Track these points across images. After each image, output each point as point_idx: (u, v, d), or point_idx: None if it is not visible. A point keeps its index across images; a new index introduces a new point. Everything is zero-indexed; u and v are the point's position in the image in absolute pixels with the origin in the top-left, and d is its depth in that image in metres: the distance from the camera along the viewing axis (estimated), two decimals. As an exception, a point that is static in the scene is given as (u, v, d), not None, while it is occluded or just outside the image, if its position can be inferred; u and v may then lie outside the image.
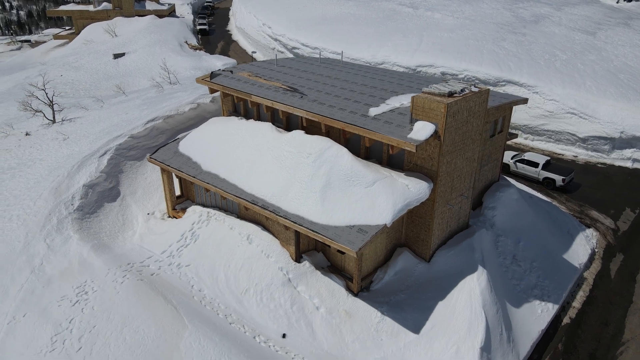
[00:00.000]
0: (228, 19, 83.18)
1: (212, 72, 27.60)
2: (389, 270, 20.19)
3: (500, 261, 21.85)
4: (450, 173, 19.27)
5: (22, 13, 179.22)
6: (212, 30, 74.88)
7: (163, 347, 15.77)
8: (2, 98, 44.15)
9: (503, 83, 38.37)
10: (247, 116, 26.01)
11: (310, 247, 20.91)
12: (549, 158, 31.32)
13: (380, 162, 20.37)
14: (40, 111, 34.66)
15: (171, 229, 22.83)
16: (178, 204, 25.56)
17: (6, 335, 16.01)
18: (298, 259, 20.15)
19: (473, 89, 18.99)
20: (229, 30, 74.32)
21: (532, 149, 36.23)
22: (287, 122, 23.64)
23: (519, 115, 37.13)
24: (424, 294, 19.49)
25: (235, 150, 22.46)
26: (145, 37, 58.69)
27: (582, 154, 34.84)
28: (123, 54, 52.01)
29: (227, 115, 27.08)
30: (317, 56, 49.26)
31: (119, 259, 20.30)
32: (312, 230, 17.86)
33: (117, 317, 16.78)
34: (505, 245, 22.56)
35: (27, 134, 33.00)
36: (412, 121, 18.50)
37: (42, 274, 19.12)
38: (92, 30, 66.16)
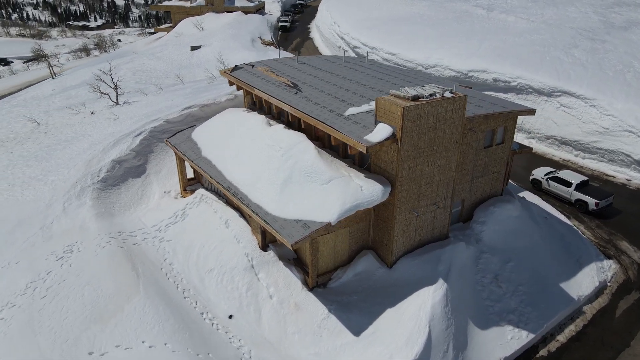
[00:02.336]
0: (314, 17, 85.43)
1: (235, 66, 29.31)
2: (349, 271, 20.17)
3: (478, 279, 20.65)
4: (415, 179, 18.70)
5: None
6: (294, 27, 77.59)
7: (110, 307, 17.62)
8: (91, 81, 50.36)
9: (558, 94, 35.23)
10: (261, 110, 27.26)
11: (280, 238, 21.58)
12: (586, 178, 28.37)
13: (354, 162, 20.38)
14: (107, 94, 39.22)
15: (170, 207, 24.91)
16: (189, 186, 27.64)
17: (-2, 276, 19.16)
18: (264, 247, 20.94)
19: (446, 94, 18.23)
20: (309, 28, 76.45)
21: (580, 168, 32.94)
22: (278, 117, 24.48)
23: (570, 130, 33.93)
24: (376, 298, 19.20)
25: (230, 139, 23.84)
26: (225, 31, 62.85)
27: (636, 178, 30.89)
28: (199, 47, 56.33)
29: (247, 108, 28.60)
30: (371, 56, 49.12)
31: (113, 227, 22.74)
32: (264, 220, 18.58)
33: (85, 276, 19.03)
34: (488, 263, 21.23)
35: (92, 113, 37.65)
36: (376, 123, 18.33)
37: (47, 231, 22.17)
38: (185, 25, 72.31)
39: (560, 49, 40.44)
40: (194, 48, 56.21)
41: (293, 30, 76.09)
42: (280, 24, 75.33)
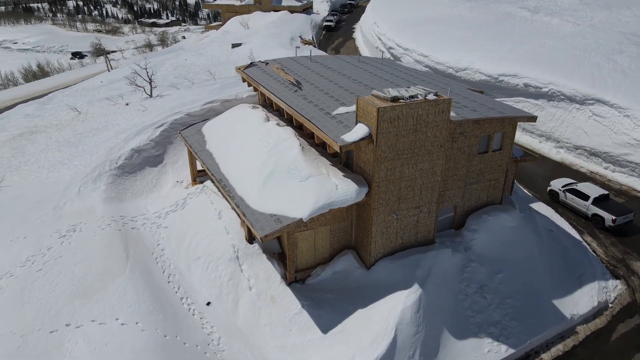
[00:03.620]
0: (361, 17, 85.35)
1: (250, 63, 30.15)
2: (328, 269, 20.31)
3: (462, 287, 20.11)
4: (395, 181, 18.53)
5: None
6: (339, 27, 77.89)
7: (96, 284, 18.83)
8: (131, 74, 53.19)
9: (591, 102, 33.25)
10: (270, 107, 27.89)
11: (267, 232, 22.05)
12: (606, 192, 26.68)
13: (340, 162, 20.49)
14: (142, 87, 41.44)
15: (174, 196, 26.09)
16: (199, 177, 28.77)
17: (4, 248, 20.93)
18: (251, 240, 21.49)
19: (430, 97, 17.92)
20: (354, 28, 76.47)
21: (608, 181, 30.95)
22: (281, 114, 24.93)
23: (600, 140, 31.95)
24: (350, 298, 19.23)
25: (231, 134, 24.63)
26: (267, 30, 64.27)
27: (667, 196, 28.63)
28: (240, 44, 58.01)
29: (259, 105, 29.36)
30: (404, 57, 48.53)
31: (118, 212, 24.15)
32: (243, 213, 19.13)
33: (80, 254, 20.43)
34: (475, 272, 20.61)
35: (126, 104, 39.96)
36: (357, 123, 18.35)
37: (59, 211, 23.94)
38: (232, 23, 74.63)
39: (602, 54, 38.06)
40: (234, 45, 57.99)
41: (337, 30, 76.46)
42: (324, 23, 75.90)
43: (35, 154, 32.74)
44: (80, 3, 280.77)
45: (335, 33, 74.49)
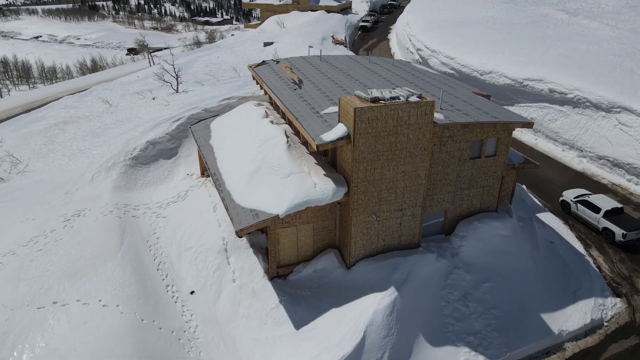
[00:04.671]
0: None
1: (262, 61, 30.74)
2: (310, 267, 20.48)
3: (444, 294, 19.75)
4: (375, 183, 18.45)
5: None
6: (375, 28, 77.45)
7: (87, 267, 19.92)
8: (159, 70, 55.17)
9: (617, 110, 31.50)
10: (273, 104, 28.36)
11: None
12: (620, 206, 25.27)
13: (328, 161, 20.62)
14: (169, 82, 43.08)
15: (178, 187, 27.05)
16: (207, 170, 29.68)
17: (14, 228, 22.50)
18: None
19: (412, 98, 17.73)
20: (390, 29, 75.80)
21: (630, 195, 29.23)
22: (278, 110, 25.31)
23: (625, 151, 30.23)
24: (327, 297, 19.33)
25: (233, 130, 25.28)
26: (300, 29, 64.92)
27: (692, 213, 26.69)
28: (271, 43, 58.97)
29: (269, 102, 29.93)
30: (430, 59, 47.71)
31: (123, 200, 25.32)
32: (226, 207, 19.66)
33: (79, 237, 21.64)
34: (460, 279, 20.16)
35: (153, 99, 41.67)
36: (339, 122, 18.43)
37: (70, 196, 25.41)
38: (269, 22, 75.87)
39: (638, 60, 35.93)
40: (266, 44, 59.01)
41: (374, 31, 76.05)
42: (360, 23, 75.71)
43: (63, 142, 34.83)
44: (142, 1, 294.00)
45: (371, 34, 74.14)
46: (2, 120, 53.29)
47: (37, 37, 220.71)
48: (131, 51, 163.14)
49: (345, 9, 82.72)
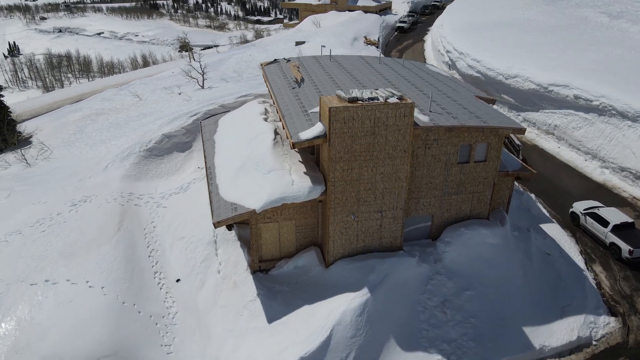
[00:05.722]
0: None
1: (274, 59, 31.28)
2: (290, 263, 20.75)
3: (422, 299, 19.48)
4: (352, 183, 18.47)
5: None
6: (413, 29, 76.35)
7: (82, 250, 21.13)
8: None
9: (644, 118, 29.67)
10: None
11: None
12: (630, 220, 23.85)
13: (314, 159, 20.81)
14: (195, 79, 44.53)
15: (183, 179, 28.05)
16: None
17: (25, 209, 24.16)
18: (230, 227, 22.62)
19: (391, 100, 17.62)
20: (428, 30, 74.47)
21: (650, 209, 27.48)
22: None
23: (647, 163, 28.42)
24: (303, 294, 19.54)
25: (233, 125, 25.96)
26: (334, 29, 65.09)
27: None
28: (303, 42, 59.52)
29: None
30: (458, 62, 46.58)
31: (129, 189, 26.55)
32: (210, 200, 20.28)
33: (80, 222, 22.94)
34: (440, 285, 19.81)
35: (179, 94, 43.23)
36: (319, 121, 18.59)
37: (82, 183, 26.95)
38: (307, 22, 76.53)
39: (676, 67, 33.66)
40: (298, 43, 59.64)
41: (411, 32, 75.01)
42: (397, 24, 74.87)
43: (90, 132, 36.86)
44: (200, 0, 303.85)
45: (407, 35, 73.18)
46: (50, 111, 56.87)
47: (99, 34, 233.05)
48: (183, 48, 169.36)
49: (384, 10, 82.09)
